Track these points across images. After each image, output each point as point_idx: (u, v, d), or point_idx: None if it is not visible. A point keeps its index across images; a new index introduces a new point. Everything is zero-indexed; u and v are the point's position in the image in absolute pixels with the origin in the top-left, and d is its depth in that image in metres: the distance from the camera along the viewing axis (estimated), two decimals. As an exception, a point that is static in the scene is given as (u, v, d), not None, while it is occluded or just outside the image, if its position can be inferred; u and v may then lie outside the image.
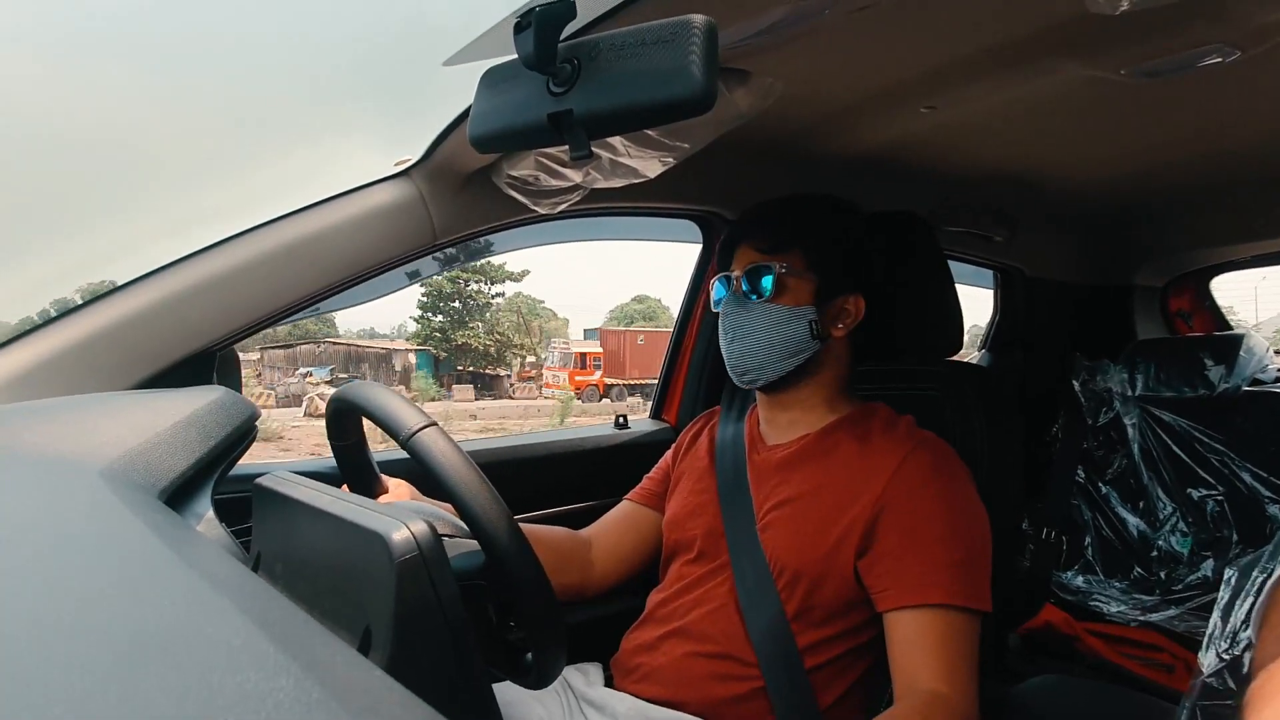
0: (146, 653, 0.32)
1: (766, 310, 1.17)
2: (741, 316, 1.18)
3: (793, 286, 1.18)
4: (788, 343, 1.17)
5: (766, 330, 1.17)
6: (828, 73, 1.13)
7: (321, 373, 27.13)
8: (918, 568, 1.07)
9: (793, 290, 1.18)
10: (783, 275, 1.17)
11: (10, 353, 1.00)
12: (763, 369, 1.18)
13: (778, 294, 1.17)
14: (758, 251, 1.20)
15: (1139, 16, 0.75)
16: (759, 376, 1.19)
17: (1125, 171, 1.71)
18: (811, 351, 1.19)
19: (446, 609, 0.66)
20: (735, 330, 1.19)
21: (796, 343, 1.17)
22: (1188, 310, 2.61)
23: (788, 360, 1.18)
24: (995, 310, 2.39)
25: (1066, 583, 1.98)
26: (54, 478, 0.63)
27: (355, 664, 0.35)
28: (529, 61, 0.69)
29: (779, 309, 1.17)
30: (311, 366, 28.22)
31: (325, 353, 29.13)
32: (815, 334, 1.18)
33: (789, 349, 1.17)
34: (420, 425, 0.79)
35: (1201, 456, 1.88)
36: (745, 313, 1.18)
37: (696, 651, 1.15)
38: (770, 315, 1.17)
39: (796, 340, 1.17)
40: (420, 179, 1.24)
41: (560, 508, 1.57)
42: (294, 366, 28.70)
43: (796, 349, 1.18)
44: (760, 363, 1.18)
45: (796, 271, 1.17)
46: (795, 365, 1.19)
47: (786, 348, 1.17)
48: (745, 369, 1.19)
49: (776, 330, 1.17)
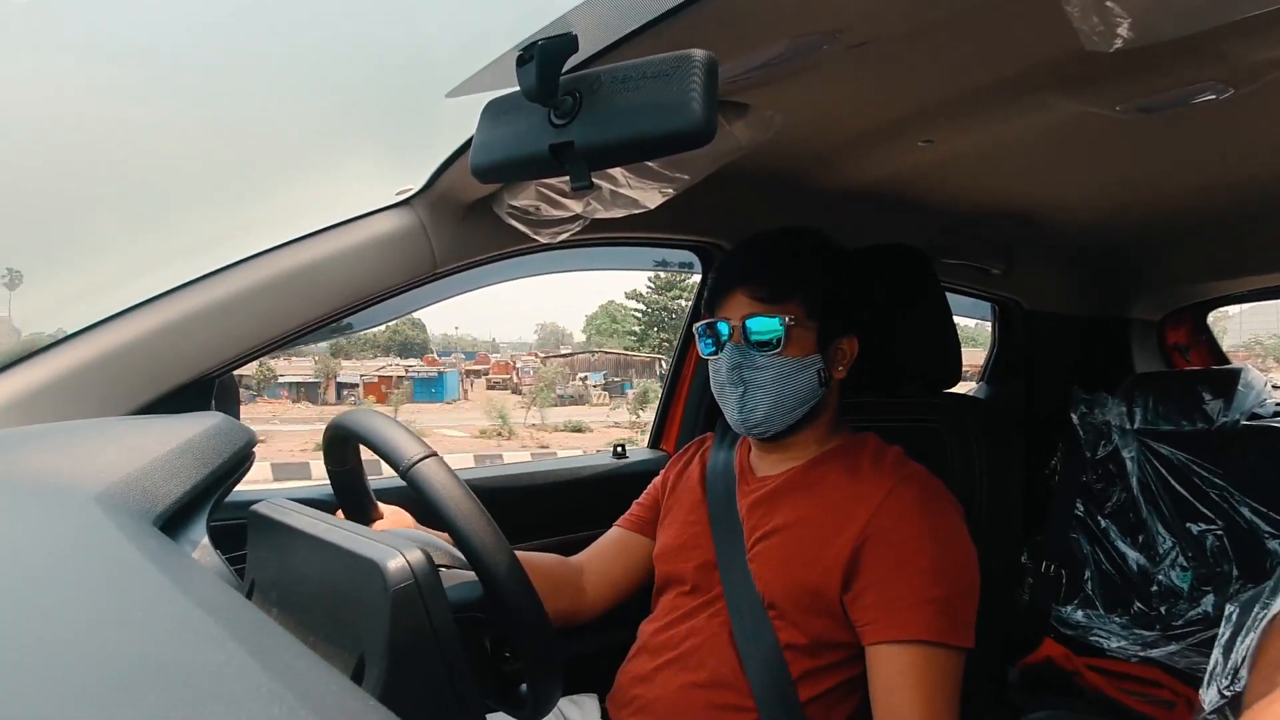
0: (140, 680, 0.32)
1: (777, 363, 1.15)
2: (750, 370, 1.16)
3: (797, 337, 1.16)
4: (799, 394, 1.16)
5: (778, 383, 1.15)
6: (826, 106, 1.14)
7: (596, 377, 32.01)
8: (900, 602, 1.06)
9: (797, 341, 1.16)
10: (791, 327, 1.15)
11: (8, 378, 1.00)
12: (773, 420, 1.17)
13: (785, 346, 1.15)
14: (757, 300, 1.17)
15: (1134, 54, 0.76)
16: (769, 428, 1.18)
17: (1122, 205, 1.72)
18: (818, 399, 1.18)
19: (441, 638, 0.66)
20: (745, 382, 1.16)
21: (806, 393, 1.17)
22: (1185, 344, 2.61)
23: (797, 410, 1.17)
24: (993, 342, 2.39)
25: (1066, 617, 1.96)
26: (49, 503, 0.63)
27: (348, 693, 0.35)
28: (531, 93, 0.70)
29: (789, 362, 1.15)
30: (588, 372, 32.13)
31: (598, 360, 33.78)
32: (823, 382, 1.17)
33: (800, 400, 1.17)
34: (420, 456, 0.78)
35: (1200, 490, 1.87)
36: (753, 365, 1.16)
37: (693, 682, 1.14)
38: (781, 369, 1.15)
39: (807, 390, 1.17)
40: (421, 208, 1.25)
41: (557, 537, 1.56)
42: (574, 372, 32.24)
43: (806, 399, 1.17)
44: (771, 414, 1.16)
45: (800, 321, 1.16)
46: (803, 414, 1.18)
47: (797, 399, 1.17)
48: (756, 422, 1.17)
49: (788, 382, 1.15)
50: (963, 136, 1.26)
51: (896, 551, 1.08)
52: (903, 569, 1.07)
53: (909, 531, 1.09)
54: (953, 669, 1.05)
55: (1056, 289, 2.29)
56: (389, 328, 38.21)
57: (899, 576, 1.07)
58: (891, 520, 1.10)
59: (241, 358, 1.14)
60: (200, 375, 1.10)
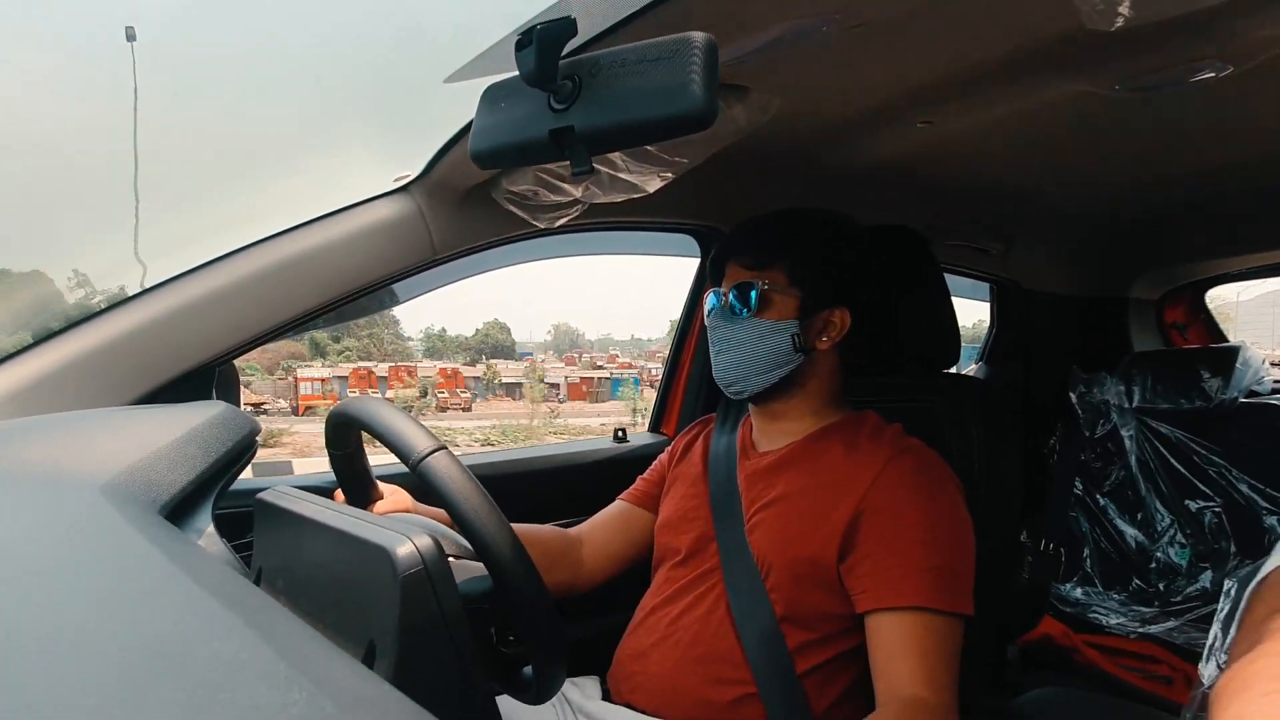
0: (156, 668, 0.32)
1: (750, 325, 1.20)
2: (727, 330, 1.22)
3: (777, 302, 1.20)
4: (771, 355, 1.19)
5: (750, 343, 1.20)
6: (825, 88, 1.14)
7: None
8: (897, 570, 1.07)
9: (777, 305, 1.20)
10: (766, 291, 1.19)
11: (11, 368, 1.00)
12: (747, 380, 1.21)
13: (762, 309, 1.19)
14: (743, 268, 1.22)
15: (1132, 32, 0.76)
16: (744, 388, 1.22)
17: (1120, 184, 1.72)
18: (795, 364, 1.20)
19: (450, 624, 0.66)
20: (721, 343, 1.22)
21: (779, 355, 1.19)
22: (1183, 322, 2.62)
23: (771, 372, 1.20)
24: (992, 323, 2.40)
25: (1065, 595, 1.97)
26: (55, 493, 0.63)
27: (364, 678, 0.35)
28: (530, 78, 0.69)
29: (762, 323, 1.19)
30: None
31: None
32: (798, 347, 1.19)
33: (772, 361, 1.20)
34: (430, 449, 0.79)
35: (1199, 468, 1.88)
36: (731, 327, 1.21)
37: (688, 657, 1.15)
38: (754, 329, 1.19)
39: (779, 353, 1.19)
40: (420, 194, 1.25)
41: (559, 520, 1.57)
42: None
43: (779, 361, 1.20)
44: (744, 374, 1.21)
45: (779, 287, 1.20)
46: (780, 377, 1.20)
47: (770, 360, 1.20)
48: (730, 380, 1.22)
49: (759, 344, 1.19)
50: (961, 117, 1.25)
51: (893, 521, 1.09)
52: (900, 538, 1.08)
53: (906, 502, 1.10)
54: (952, 636, 1.06)
55: (1055, 269, 2.29)
56: (478, 331, 38.96)
57: (896, 545, 1.08)
58: (889, 491, 1.11)
59: (242, 346, 1.14)
60: (201, 364, 1.10)
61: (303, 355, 31.05)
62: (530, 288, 54.33)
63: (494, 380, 29.05)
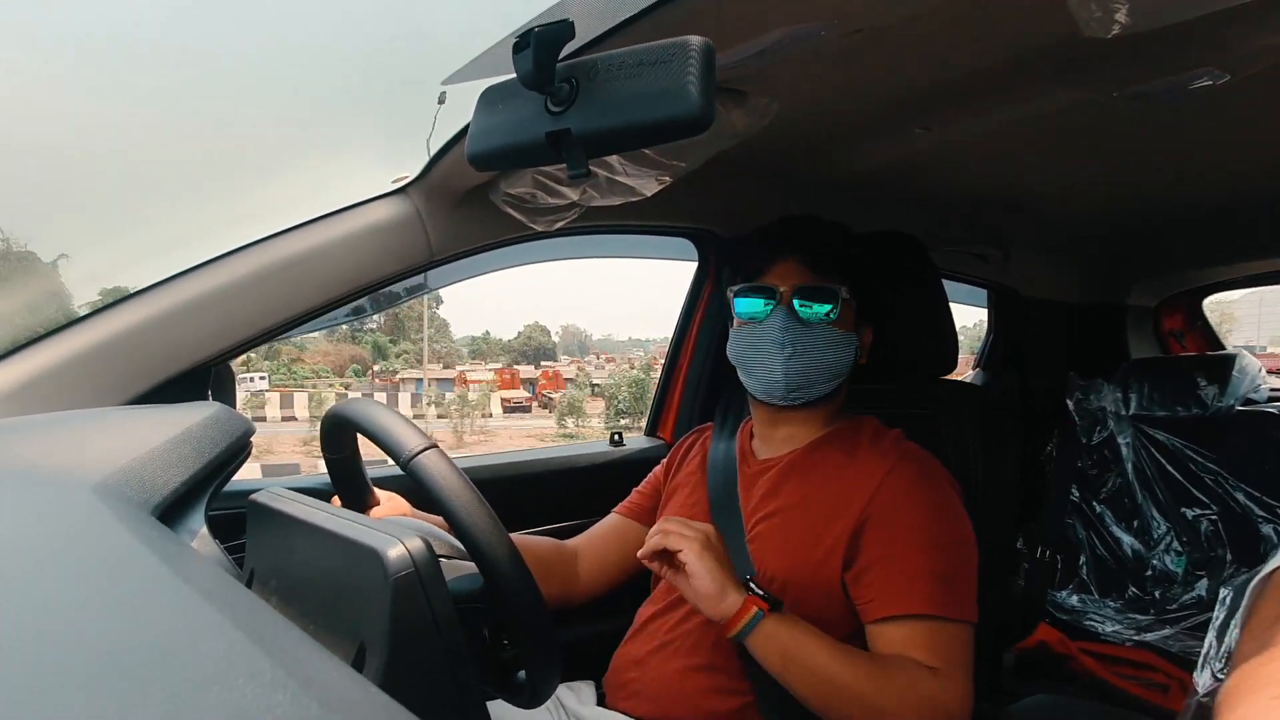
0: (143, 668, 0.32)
1: (828, 332, 1.18)
2: (799, 333, 1.17)
3: (844, 313, 1.20)
4: (839, 365, 1.20)
5: (824, 350, 1.18)
6: (823, 94, 1.14)
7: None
8: (901, 578, 1.07)
9: (844, 316, 1.20)
10: (845, 300, 1.19)
11: (5, 367, 1.00)
12: (813, 387, 1.19)
13: (838, 318, 1.19)
14: (812, 271, 1.19)
15: (1131, 40, 0.76)
16: (808, 395, 1.20)
17: (1118, 192, 1.72)
18: (846, 376, 1.22)
19: (442, 626, 0.66)
20: (792, 345, 1.17)
21: (844, 366, 1.21)
22: (1180, 330, 2.62)
23: (833, 381, 1.21)
24: (990, 329, 2.40)
25: (1061, 602, 1.97)
26: (47, 493, 0.62)
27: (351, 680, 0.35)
28: (528, 81, 0.69)
29: (837, 333, 1.19)
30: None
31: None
32: (856, 360, 1.22)
33: (838, 371, 1.20)
34: (421, 447, 0.78)
35: (1195, 476, 1.88)
36: (803, 330, 1.18)
37: (687, 666, 1.15)
38: (830, 337, 1.18)
39: (845, 364, 1.21)
40: (417, 196, 1.25)
41: (555, 524, 1.57)
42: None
43: (842, 372, 1.21)
44: (813, 380, 1.19)
45: (848, 299, 1.20)
46: (835, 387, 1.22)
47: (837, 369, 1.20)
48: (797, 385, 1.19)
49: (832, 352, 1.19)
50: (959, 123, 1.26)
51: (897, 530, 1.09)
52: (904, 546, 1.08)
53: (910, 509, 1.10)
54: (959, 639, 1.06)
55: (1053, 275, 2.29)
56: (520, 334, 39.40)
57: (900, 554, 1.08)
58: (892, 499, 1.11)
59: (237, 347, 1.14)
60: (197, 364, 1.10)
61: (364, 359, 31.53)
62: (529, 288, 54.82)
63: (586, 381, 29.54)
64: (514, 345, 40.40)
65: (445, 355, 38.84)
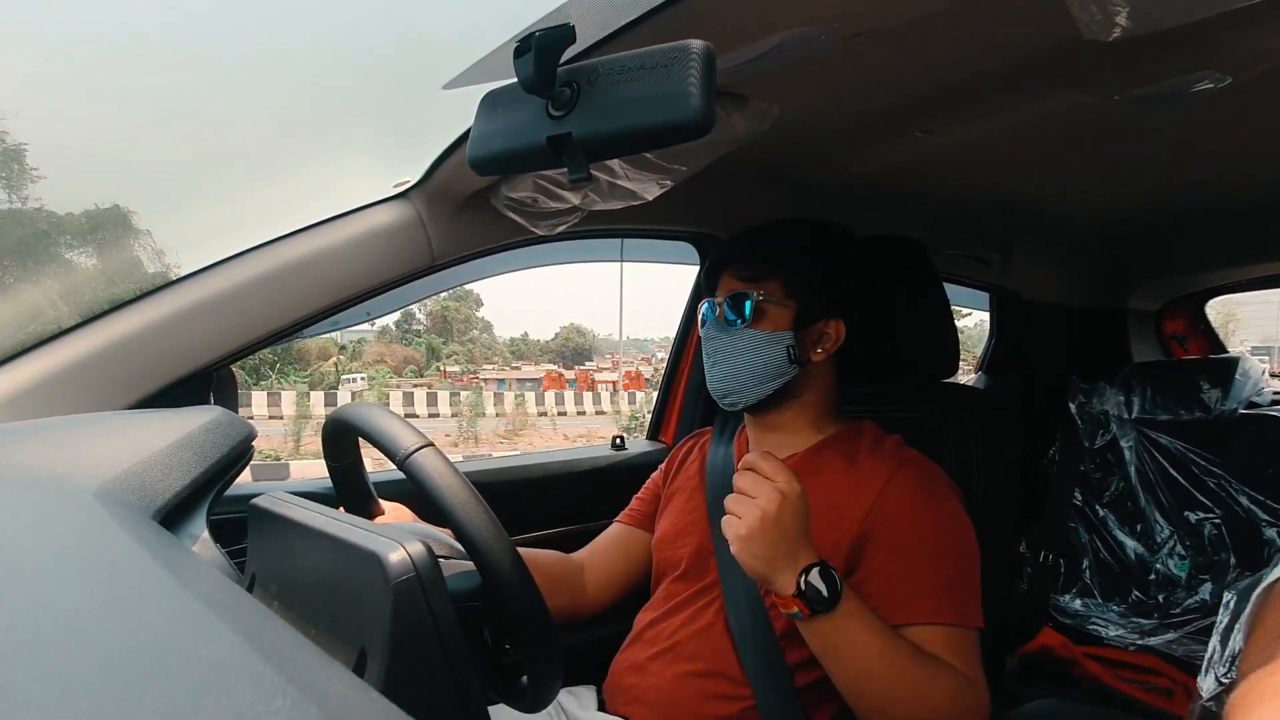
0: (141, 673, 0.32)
1: (744, 335, 1.19)
2: (721, 341, 1.21)
3: (771, 313, 1.20)
4: (765, 367, 1.19)
5: (744, 354, 1.19)
6: (824, 97, 1.14)
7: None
8: (906, 587, 1.06)
9: (771, 316, 1.20)
10: (760, 302, 1.19)
11: (7, 372, 1.00)
12: (741, 392, 1.20)
13: (756, 320, 1.19)
14: (738, 279, 1.22)
15: (1131, 43, 0.76)
16: (738, 400, 1.21)
17: (1120, 195, 1.72)
18: (790, 375, 1.20)
19: (442, 631, 0.66)
20: (715, 354, 1.22)
21: (774, 367, 1.19)
22: (1183, 333, 2.62)
23: (766, 384, 1.20)
24: (991, 333, 2.39)
25: (1064, 606, 1.97)
26: (48, 497, 0.62)
27: (351, 686, 0.35)
28: (528, 85, 0.69)
29: (756, 334, 1.19)
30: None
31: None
32: (793, 358, 1.19)
33: (767, 373, 1.19)
34: (416, 446, 0.78)
35: (1198, 479, 1.88)
36: (725, 337, 1.21)
37: (687, 672, 1.14)
38: (748, 340, 1.19)
39: (774, 364, 1.19)
40: (419, 200, 1.25)
41: (556, 529, 1.57)
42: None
43: (774, 373, 1.19)
44: (739, 385, 1.20)
45: (775, 299, 1.20)
46: (775, 388, 1.20)
47: (765, 371, 1.19)
48: (725, 392, 1.21)
49: (754, 354, 1.19)
50: (960, 127, 1.26)
51: (901, 537, 1.09)
52: (908, 554, 1.08)
53: (912, 517, 1.10)
54: (966, 643, 1.06)
55: (1054, 279, 2.29)
56: (558, 335, 39.87)
57: (905, 562, 1.07)
58: (894, 506, 1.11)
59: (239, 351, 1.14)
60: (198, 369, 1.10)
61: (418, 360, 31.89)
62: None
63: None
64: (552, 346, 40.95)
65: (490, 356, 39.33)
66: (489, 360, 36.93)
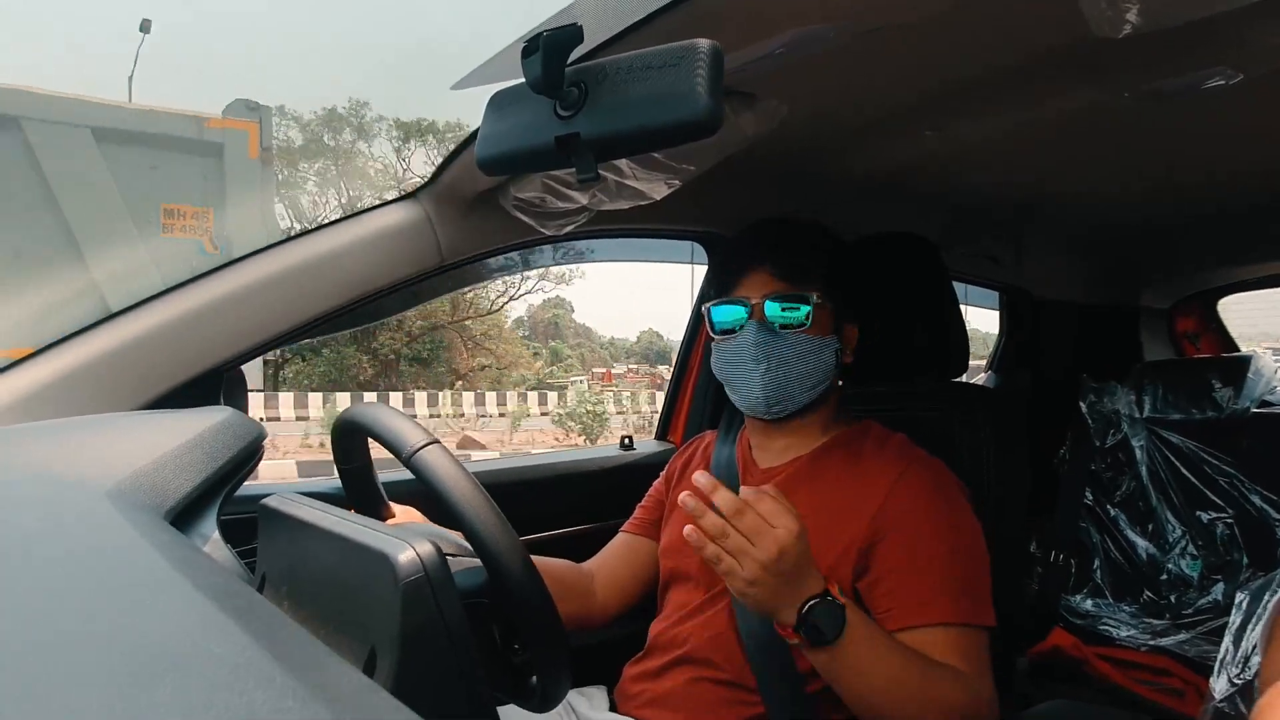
0: (152, 672, 0.32)
1: (800, 341, 1.16)
2: (771, 346, 1.15)
3: (818, 318, 1.17)
4: (817, 373, 1.17)
5: (799, 360, 1.16)
6: (833, 96, 1.14)
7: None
8: (919, 587, 1.06)
9: (818, 321, 1.17)
10: (817, 305, 1.16)
11: (19, 373, 1.01)
12: (793, 399, 1.18)
13: (810, 325, 1.16)
14: (780, 279, 1.17)
15: (1142, 40, 0.75)
16: (787, 406, 1.18)
17: (1130, 192, 1.71)
18: (830, 380, 1.20)
19: (452, 631, 0.66)
20: (766, 359, 1.16)
21: (824, 372, 1.18)
22: (1194, 331, 2.61)
23: (814, 389, 1.18)
24: (1002, 331, 2.39)
25: (1075, 606, 1.96)
26: (60, 498, 0.63)
27: (361, 686, 0.35)
28: (536, 85, 0.69)
29: (811, 340, 1.16)
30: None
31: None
32: (838, 363, 1.19)
33: (817, 378, 1.18)
34: (422, 443, 0.78)
35: (1210, 479, 1.86)
36: (775, 342, 1.16)
37: (703, 677, 1.14)
38: (803, 346, 1.16)
39: (824, 370, 1.18)
40: (427, 201, 1.25)
41: (565, 529, 1.57)
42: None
43: (822, 378, 1.19)
44: (792, 392, 1.17)
45: (821, 301, 1.17)
46: (818, 394, 1.19)
47: (816, 377, 1.18)
48: (776, 399, 1.17)
49: (809, 360, 1.16)
50: (970, 124, 1.25)
51: (912, 537, 1.08)
52: (920, 554, 1.07)
53: (921, 517, 1.09)
54: (978, 644, 1.06)
55: (1065, 277, 2.28)
56: (640, 338, 40.50)
57: (915, 563, 1.07)
58: (903, 507, 1.10)
59: (249, 352, 1.14)
60: (209, 369, 1.11)
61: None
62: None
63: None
64: (635, 349, 41.76)
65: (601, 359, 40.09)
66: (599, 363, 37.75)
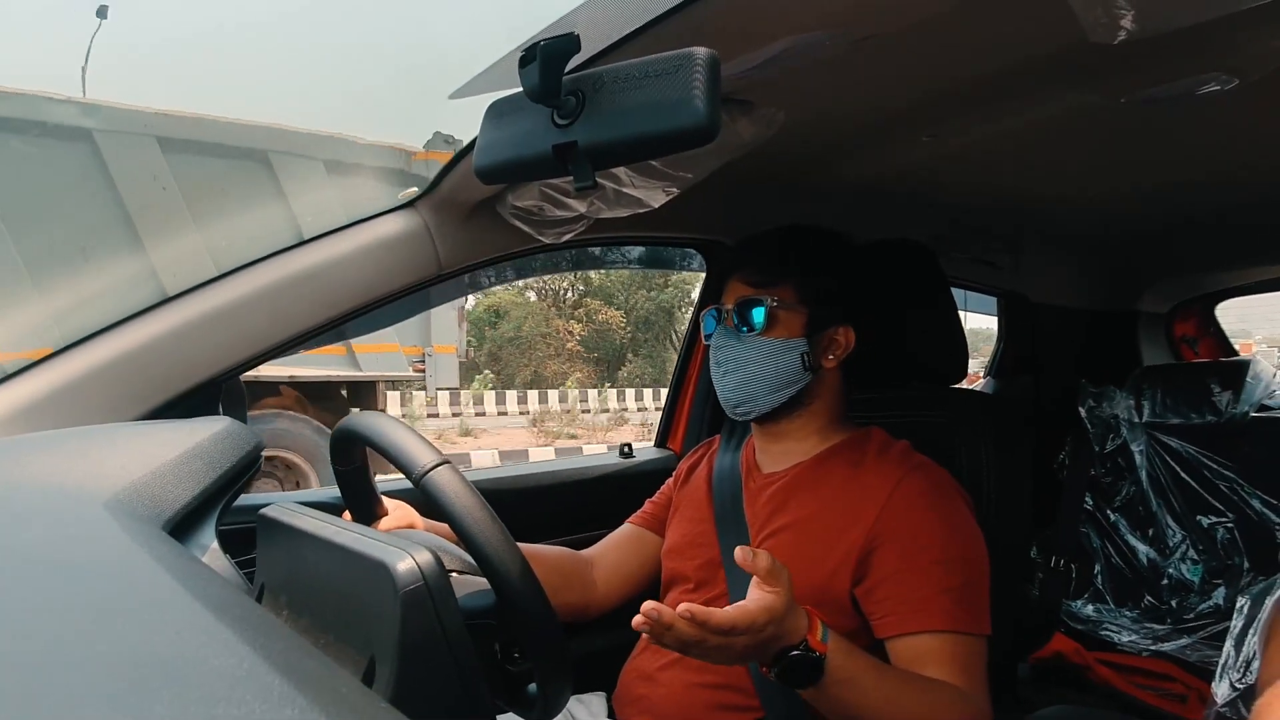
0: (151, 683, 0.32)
1: (758, 344, 1.18)
2: (733, 350, 1.19)
3: (784, 319, 1.18)
4: (779, 375, 1.17)
5: (758, 363, 1.17)
6: (830, 102, 1.14)
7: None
8: (916, 594, 1.06)
9: (784, 323, 1.18)
10: (774, 308, 1.17)
11: (18, 384, 1.01)
12: (755, 401, 1.19)
13: (769, 327, 1.17)
14: (748, 285, 1.20)
15: (1138, 45, 0.76)
16: (752, 409, 1.19)
17: (1128, 197, 1.71)
18: (803, 383, 1.19)
19: (451, 640, 0.66)
20: (727, 363, 1.19)
21: (788, 375, 1.18)
22: (1193, 336, 2.61)
23: (780, 392, 1.18)
24: (1000, 337, 2.39)
25: (1076, 612, 1.95)
26: (58, 509, 0.63)
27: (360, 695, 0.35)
28: (534, 94, 0.69)
29: (770, 342, 1.17)
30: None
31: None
32: (806, 366, 1.18)
33: (781, 381, 1.18)
34: (434, 463, 0.78)
35: (1210, 483, 1.86)
36: (737, 345, 1.19)
37: (697, 682, 1.14)
38: (762, 348, 1.17)
39: (788, 373, 1.18)
40: (425, 210, 1.25)
41: (565, 537, 1.56)
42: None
43: (788, 381, 1.18)
44: (752, 395, 1.18)
45: (787, 304, 1.18)
46: (787, 397, 1.19)
47: (778, 380, 1.18)
48: (738, 401, 1.19)
49: (768, 363, 1.17)
50: (967, 130, 1.25)
51: (909, 544, 1.08)
52: (917, 561, 1.07)
53: (920, 523, 1.09)
54: (975, 653, 1.05)
55: (1063, 282, 2.28)
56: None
57: (914, 569, 1.07)
58: (902, 513, 1.10)
59: (248, 362, 1.14)
60: (207, 380, 1.11)
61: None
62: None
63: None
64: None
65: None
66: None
